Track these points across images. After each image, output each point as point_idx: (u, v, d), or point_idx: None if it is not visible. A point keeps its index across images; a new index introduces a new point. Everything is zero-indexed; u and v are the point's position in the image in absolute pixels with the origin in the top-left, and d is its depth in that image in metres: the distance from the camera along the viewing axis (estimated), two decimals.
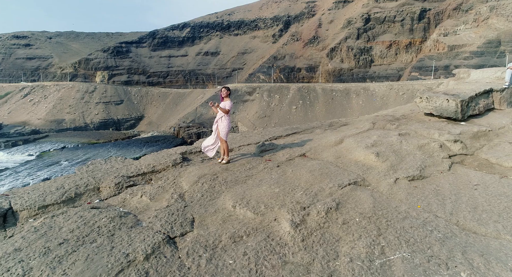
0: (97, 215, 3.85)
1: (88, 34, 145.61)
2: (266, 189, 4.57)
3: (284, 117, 72.89)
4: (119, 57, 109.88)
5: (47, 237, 3.35)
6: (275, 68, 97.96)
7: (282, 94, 79.84)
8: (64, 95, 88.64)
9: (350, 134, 6.94)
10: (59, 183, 4.82)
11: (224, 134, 5.77)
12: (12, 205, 4.12)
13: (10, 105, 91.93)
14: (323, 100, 78.56)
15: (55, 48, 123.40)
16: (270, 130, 8.61)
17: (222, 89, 5.86)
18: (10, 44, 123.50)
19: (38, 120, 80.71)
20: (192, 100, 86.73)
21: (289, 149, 6.50)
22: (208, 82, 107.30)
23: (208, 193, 4.59)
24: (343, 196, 4.34)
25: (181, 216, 3.90)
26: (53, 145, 63.23)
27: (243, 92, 79.33)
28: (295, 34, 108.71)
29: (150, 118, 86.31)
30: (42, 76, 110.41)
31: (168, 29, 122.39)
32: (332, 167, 5.37)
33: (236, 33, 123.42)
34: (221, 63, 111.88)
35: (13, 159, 54.95)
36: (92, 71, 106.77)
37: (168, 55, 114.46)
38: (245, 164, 5.65)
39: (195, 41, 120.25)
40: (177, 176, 5.22)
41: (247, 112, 73.70)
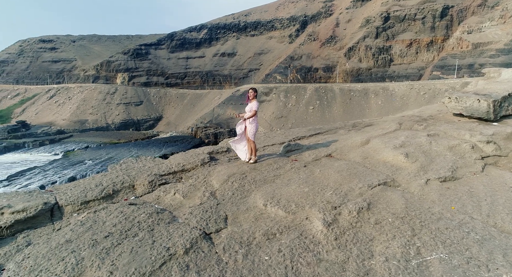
0: (136, 211, 4.03)
1: (109, 37, 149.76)
2: (295, 188, 4.64)
3: (301, 117, 72.54)
4: (138, 59, 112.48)
5: (93, 230, 3.55)
6: (291, 68, 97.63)
7: (299, 95, 79.48)
8: (87, 97, 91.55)
9: (376, 135, 6.91)
10: (98, 180, 5.07)
11: (252, 134, 5.88)
12: (57, 200, 4.38)
13: (37, 107, 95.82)
14: (340, 100, 77.66)
15: (79, 51, 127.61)
16: (293, 130, 8.67)
17: (250, 91, 5.97)
18: (37, 48, 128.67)
19: (63, 121, 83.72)
20: (209, 101, 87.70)
21: (314, 149, 6.55)
22: (225, 83, 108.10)
23: (239, 191, 4.71)
24: (373, 196, 4.35)
25: (214, 213, 4.03)
26: (77, 144, 65.48)
27: (259, 93, 79.47)
28: (312, 34, 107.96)
29: (168, 119, 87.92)
30: (67, 78, 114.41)
31: (186, 31, 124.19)
32: (360, 167, 5.38)
33: (252, 34, 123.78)
34: (238, 64, 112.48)
35: (41, 158, 57.30)
36: (113, 73, 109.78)
37: (185, 57, 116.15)
38: (272, 164, 5.74)
39: (212, 42, 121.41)
40: (207, 175, 5.37)
41: (264, 112, 73.77)
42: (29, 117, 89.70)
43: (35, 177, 41.47)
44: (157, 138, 69.53)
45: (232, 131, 64.26)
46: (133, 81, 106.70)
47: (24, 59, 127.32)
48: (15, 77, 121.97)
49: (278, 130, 9.39)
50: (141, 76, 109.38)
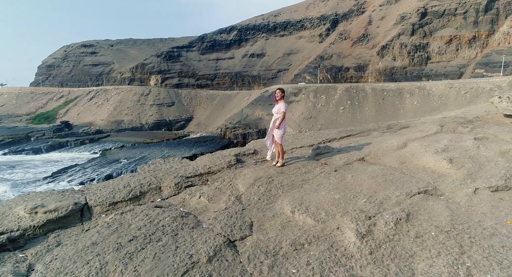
0: (161, 214, 3.97)
1: (144, 40, 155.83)
2: (325, 195, 4.36)
3: (330, 118, 70.99)
4: (171, 61, 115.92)
5: (118, 233, 3.52)
6: (321, 68, 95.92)
7: (328, 95, 77.86)
8: (123, 98, 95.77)
9: (415, 138, 6.42)
10: (126, 181, 5.09)
11: (279, 137, 5.67)
12: (87, 201, 4.43)
13: (79, 108, 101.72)
14: (373, 100, 75.05)
15: (116, 55, 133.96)
16: (323, 132, 8.33)
17: (277, 91, 5.77)
18: (79, 53, 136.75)
19: (101, 121, 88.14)
20: (238, 101, 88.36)
21: (346, 152, 6.20)
22: (254, 83, 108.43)
23: (265, 196, 4.51)
24: (413, 206, 3.98)
25: (239, 219, 3.86)
26: (114, 144, 68.64)
27: (288, 93, 78.80)
28: (343, 32, 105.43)
29: (198, 119, 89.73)
30: (105, 80, 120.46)
31: (216, 33, 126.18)
32: (396, 173, 4.98)
33: (282, 34, 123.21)
34: (267, 65, 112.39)
35: (81, 156, 60.74)
36: (147, 75, 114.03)
37: (215, 58, 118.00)
38: (301, 168, 5.49)
39: (242, 43, 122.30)
40: (232, 178, 5.23)
41: (292, 113, 73.04)
42: (72, 117, 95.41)
43: (75, 174, 43.93)
44: (188, 138, 71.15)
45: (260, 132, 64.24)
46: (165, 83, 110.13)
47: (67, 63, 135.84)
48: (60, 80, 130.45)
49: (307, 132, 9.09)
50: (173, 78, 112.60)
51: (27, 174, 45.78)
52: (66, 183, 39.82)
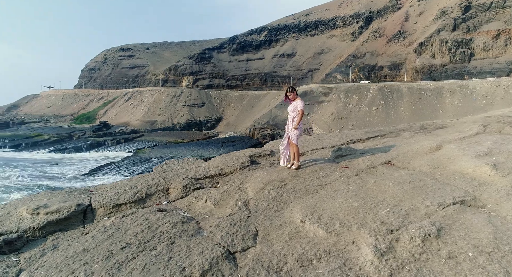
0: (161, 219, 3.71)
1: (178, 43, 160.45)
2: (342, 202, 3.88)
3: (362, 119, 68.50)
4: (202, 63, 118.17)
5: (113, 239, 3.29)
6: (353, 67, 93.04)
7: (361, 95, 75.23)
8: (156, 99, 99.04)
9: (451, 139, 5.69)
10: (133, 182, 4.93)
11: (295, 137, 5.25)
12: (92, 202, 4.30)
13: (116, 109, 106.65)
14: (408, 100, 71.44)
15: (151, 58, 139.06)
16: (348, 133, 7.75)
17: (288, 90, 5.36)
18: (118, 56, 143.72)
19: (136, 121, 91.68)
20: (267, 102, 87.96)
21: (370, 155, 5.63)
22: (284, 84, 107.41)
23: (275, 202, 4.11)
24: (446, 219, 3.40)
25: (243, 228, 3.50)
26: (147, 143, 71.09)
27: (318, 93, 77.22)
28: (377, 30, 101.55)
29: (228, 120, 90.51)
30: (140, 82, 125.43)
31: (247, 34, 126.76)
32: (427, 179, 4.37)
33: (312, 34, 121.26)
34: (297, 65, 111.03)
35: (117, 154, 63.54)
36: (179, 77, 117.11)
37: (246, 59, 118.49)
38: (318, 171, 5.02)
39: (272, 44, 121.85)
40: (243, 181, 4.88)
41: (322, 113, 71.43)
42: (110, 118, 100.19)
43: (110, 171, 45.91)
44: (217, 138, 71.95)
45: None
46: (197, 84, 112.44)
47: (107, 67, 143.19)
48: (100, 83, 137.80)
49: (330, 132, 8.53)
50: (204, 79, 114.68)
51: (66, 170, 48.53)
52: (103, 180, 41.67)
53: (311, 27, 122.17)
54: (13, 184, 38.05)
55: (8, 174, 43.04)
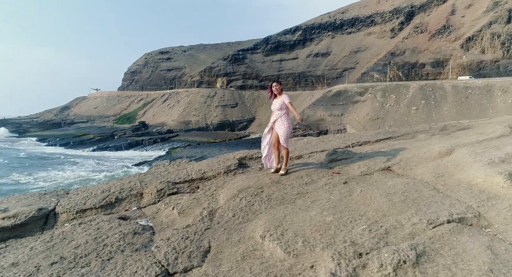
0: (113, 229, 3.44)
1: (213, 45, 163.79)
2: (315, 216, 3.36)
3: (400, 119, 64.88)
4: (236, 64, 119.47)
5: (50, 251, 3.05)
6: (392, 65, 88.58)
7: (399, 94, 71.36)
8: (191, 100, 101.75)
9: (467, 142, 4.87)
10: (108, 186, 4.75)
11: (285, 139, 4.74)
12: (57, 206, 4.16)
13: (154, 109, 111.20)
14: (453, 99, 66.48)
15: (187, 60, 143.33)
16: (358, 134, 7.07)
17: (273, 84, 4.87)
18: (157, 59, 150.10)
19: (172, 122, 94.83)
20: (300, 102, 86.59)
21: (369, 159, 4.98)
22: (317, 83, 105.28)
23: (243, 212, 3.68)
24: (433, 242, 2.77)
25: (195, 243, 3.12)
26: (181, 143, 73.15)
27: (353, 93, 74.46)
28: (419, 25, 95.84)
29: (260, 120, 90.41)
30: (177, 84, 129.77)
31: (281, 34, 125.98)
32: (426, 189, 3.69)
33: (349, 32, 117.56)
34: (332, 64, 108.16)
35: (152, 154, 66.08)
36: (214, 78, 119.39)
37: (279, 59, 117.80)
38: (303, 177, 4.50)
39: (306, 43, 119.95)
40: (219, 186, 4.51)
41: (357, 114, 68.75)
42: (148, 118, 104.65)
43: (142, 170, 47.86)
44: (247, 139, 72.09)
45: (321, 134, 61.91)
46: (230, 85, 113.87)
47: (147, 69, 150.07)
48: (141, 85, 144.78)
49: (337, 134, 7.86)
50: (238, 80, 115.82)
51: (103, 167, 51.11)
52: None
53: (347, 25, 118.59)
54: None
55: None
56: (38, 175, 38.20)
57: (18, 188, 27.90)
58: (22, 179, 34.73)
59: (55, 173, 40.16)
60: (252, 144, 57.02)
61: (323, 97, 76.17)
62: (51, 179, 35.62)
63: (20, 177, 35.93)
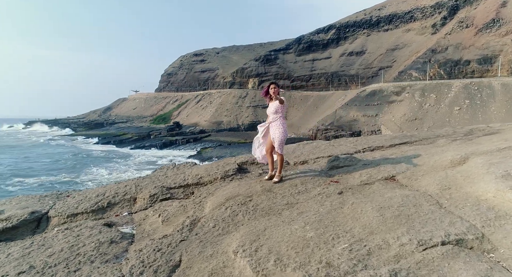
0: (92, 236, 3.42)
1: (245, 46, 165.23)
2: (296, 230, 3.11)
3: (441, 120, 60.97)
4: (268, 64, 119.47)
5: (24, 259, 3.05)
6: (432, 63, 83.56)
7: (440, 93, 67.15)
8: (223, 101, 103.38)
9: (486, 150, 4.31)
10: (103, 190, 4.81)
11: (279, 144, 4.50)
12: (49, 210, 4.25)
13: (188, 110, 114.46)
14: (502, 99, 61.33)
15: (220, 61, 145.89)
16: (371, 138, 6.62)
17: (270, 86, 4.63)
18: (191, 61, 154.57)
19: (205, 122, 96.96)
20: (333, 102, 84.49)
21: (373, 166, 4.59)
22: (351, 83, 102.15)
23: (224, 223, 3.50)
24: (420, 267, 2.42)
25: (166, 256, 3.00)
26: (213, 143, 74.52)
27: (389, 93, 71.22)
28: (463, 20, 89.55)
29: (291, 121, 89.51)
30: (210, 85, 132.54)
31: (313, 33, 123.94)
32: (426, 204, 3.28)
33: (386, 29, 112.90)
34: (366, 63, 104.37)
35: (184, 153, 67.98)
36: (245, 79, 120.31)
37: (312, 59, 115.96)
38: (298, 185, 4.23)
39: (340, 42, 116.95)
40: (210, 194, 4.37)
41: (392, 114, 65.64)
42: (182, 119, 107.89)
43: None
44: None
45: (354, 134, 59.95)
46: (262, 86, 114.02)
47: (182, 71, 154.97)
48: (176, 86, 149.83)
49: (350, 138, 7.40)
50: (269, 80, 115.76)
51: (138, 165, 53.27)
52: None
53: (384, 21, 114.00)
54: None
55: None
56: (85, 172, 39.95)
57: (68, 186, 29.53)
58: (68, 177, 36.34)
59: (96, 170, 41.99)
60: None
61: (357, 97, 73.76)
62: (96, 176, 36.86)
63: (66, 176, 37.78)
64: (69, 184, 30.12)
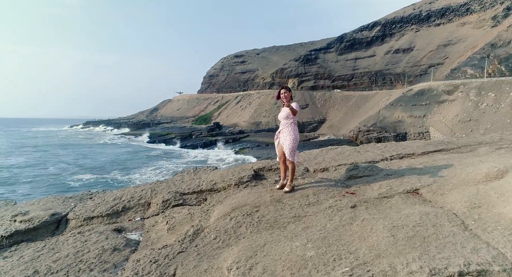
0: (98, 242, 3.49)
1: (286, 46, 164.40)
2: (297, 248, 2.89)
3: (500, 121, 55.36)
4: (308, 64, 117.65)
5: (32, 263, 3.17)
6: (491, 59, 76.28)
7: (500, 92, 61.03)
8: (262, 101, 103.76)
9: None
10: (122, 193, 4.94)
11: (290, 152, 4.28)
12: (69, 212, 4.44)
13: (228, 111, 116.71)
14: None
15: (260, 62, 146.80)
16: (402, 144, 6.11)
17: (282, 91, 4.43)
18: (232, 63, 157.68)
19: (244, 123, 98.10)
20: (376, 102, 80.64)
21: (397, 177, 4.18)
22: (397, 82, 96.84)
23: (226, 235, 3.38)
24: None
25: (161, 268, 2.95)
26: (251, 143, 75.10)
27: (439, 92, 66.27)
28: None
29: (331, 122, 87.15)
30: (250, 86, 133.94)
31: (357, 31, 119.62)
32: (448, 224, 2.88)
33: (437, 23, 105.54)
34: (415, 60, 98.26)
35: (222, 153, 69.38)
36: (285, 79, 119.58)
37: (354, 58, 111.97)
38: (309, 196, 3.98)
39: (385, 39, 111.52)
40: (219, 202, 4.29)
41: (443, 115, 60.96)
42: (222, 119, 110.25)
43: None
44: (314, 141, 70.17)
45: (399, 137, 56.75)
46: (301, 86, 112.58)
47: (223, 73, 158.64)
48: (217, 87, 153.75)
49: (379, 144, 6.88)
50: (309, 81, 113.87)
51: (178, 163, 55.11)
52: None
53: (435, 16, 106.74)
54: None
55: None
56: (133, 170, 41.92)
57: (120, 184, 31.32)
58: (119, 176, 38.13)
59: (146, 167, 43.74)
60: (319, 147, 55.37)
61: (403, 97, 69.75)
62: (143, 174, 38.41)
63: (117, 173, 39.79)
64: (118, 181, 31.95)
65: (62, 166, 40.19)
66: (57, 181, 31.32)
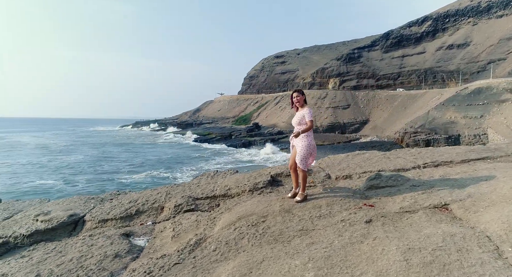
0: (102, 248, 3.50)
1: (327, 45, 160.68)
2: (296, 267, 2.62)
3: None
4: (350, 63, 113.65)
5: (38, 265, 3.25)
6: None
7: None
8: None
9: None
10: (137, 196, 4.98)
11: (301, 159, 3.98)
12: (87, 213, 4.56)
13: (267, 111, 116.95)
14: None
15: (301, 62, 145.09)
16: (440, 150, 5.49)
17: (294, 95, 4.13)
18: (272, 63, 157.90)
19: (283, 123, 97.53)
20: (425, 102, 75.34)
21: (425, 189, 3.69)
22: (449, 80, 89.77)
23: (226, 247, 3.19)
24: None
25: None
26: (289, 144, 74.46)
27: (499, 90, 60.09)
28: None
29: (375, 123, 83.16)
30: (290, 86, 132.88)
31: (404, 27, 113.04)
32: (477, 249, 2.42)
33: (499, 15, 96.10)
34: (471, 56, 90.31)
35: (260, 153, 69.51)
36: (326, 79, 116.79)
37: (401, 55, 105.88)
38: (322, 207, 3.65)
39: (437, 34, 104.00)
40: (228, 209, 4.12)
41: (504, 116, 55.16)
42: (261, 120, 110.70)
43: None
44: (355, 142, 67.35)
45: (451, 139, 52.50)
46: (343, 86, 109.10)
47: (263, 74, 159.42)
48: (257, 88, 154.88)
49: (413, 149, 6.20)
50: (351, 80, 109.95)
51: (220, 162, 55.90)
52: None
53: (497, 6, 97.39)
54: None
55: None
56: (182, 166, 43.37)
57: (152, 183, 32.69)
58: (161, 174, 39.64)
59: (190, 167, 45.13)
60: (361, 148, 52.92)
61: (456, 96, 64.47)
62: (184, 173, 39.56)
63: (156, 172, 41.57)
64: (165, 179, 33.12)
65: (115, 164, 42.54)
66: (110, 177, 33.23)
